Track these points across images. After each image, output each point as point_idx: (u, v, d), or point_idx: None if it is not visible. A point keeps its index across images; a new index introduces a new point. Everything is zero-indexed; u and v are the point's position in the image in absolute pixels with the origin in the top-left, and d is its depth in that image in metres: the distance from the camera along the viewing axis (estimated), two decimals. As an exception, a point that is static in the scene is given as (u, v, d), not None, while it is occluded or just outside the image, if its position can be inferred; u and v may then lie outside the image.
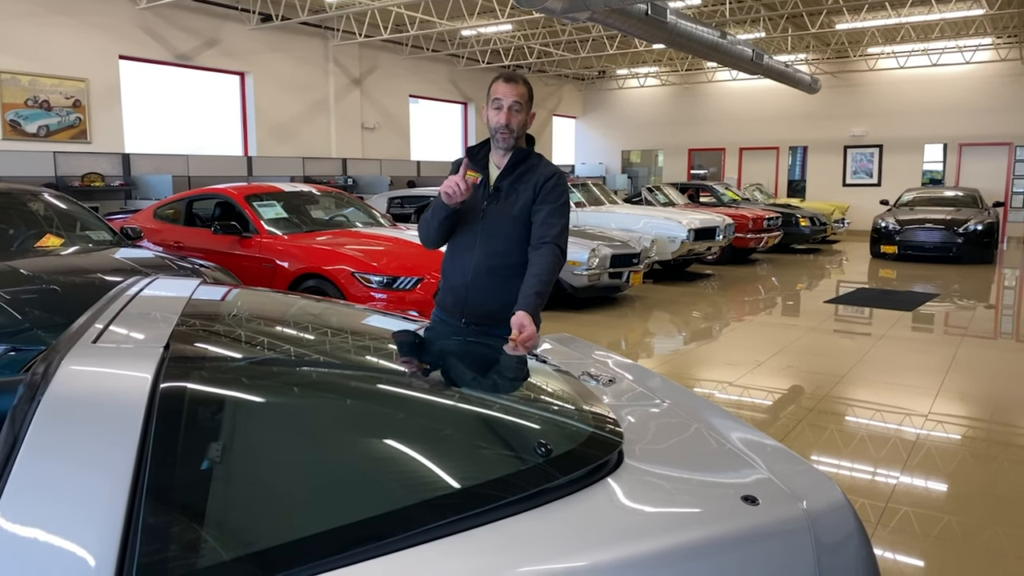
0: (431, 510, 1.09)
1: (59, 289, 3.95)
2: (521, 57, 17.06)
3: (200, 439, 1.21)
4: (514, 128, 2.49)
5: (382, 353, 1.86)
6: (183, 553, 0.98)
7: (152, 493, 1.00)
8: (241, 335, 1.71)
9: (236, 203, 6.50)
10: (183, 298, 1.85)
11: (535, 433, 1.43)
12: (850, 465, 3.75)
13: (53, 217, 5.18)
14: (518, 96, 2.48)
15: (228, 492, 1.14)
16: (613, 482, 1.22)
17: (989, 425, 4.35)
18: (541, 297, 2.36)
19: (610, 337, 6.79)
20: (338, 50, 13.99)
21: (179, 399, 1.24)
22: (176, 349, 1.39)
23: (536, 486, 1.19)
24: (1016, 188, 16.51)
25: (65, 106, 10.23)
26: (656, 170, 21.08)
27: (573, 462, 1.29)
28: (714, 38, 10.95)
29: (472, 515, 1.08)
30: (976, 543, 2.95)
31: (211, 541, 1.00)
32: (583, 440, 1.40)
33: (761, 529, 1.14)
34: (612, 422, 1.49)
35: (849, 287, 9.78)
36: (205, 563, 0.94)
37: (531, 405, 1.62)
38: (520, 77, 2.53)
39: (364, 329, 2.07)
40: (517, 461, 1.36)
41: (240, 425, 1.28)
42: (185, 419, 1.23)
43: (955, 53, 16.44)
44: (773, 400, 4.86)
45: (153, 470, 1.04)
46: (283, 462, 1.20)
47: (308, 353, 1.70)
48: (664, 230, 9.65)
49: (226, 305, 1.98)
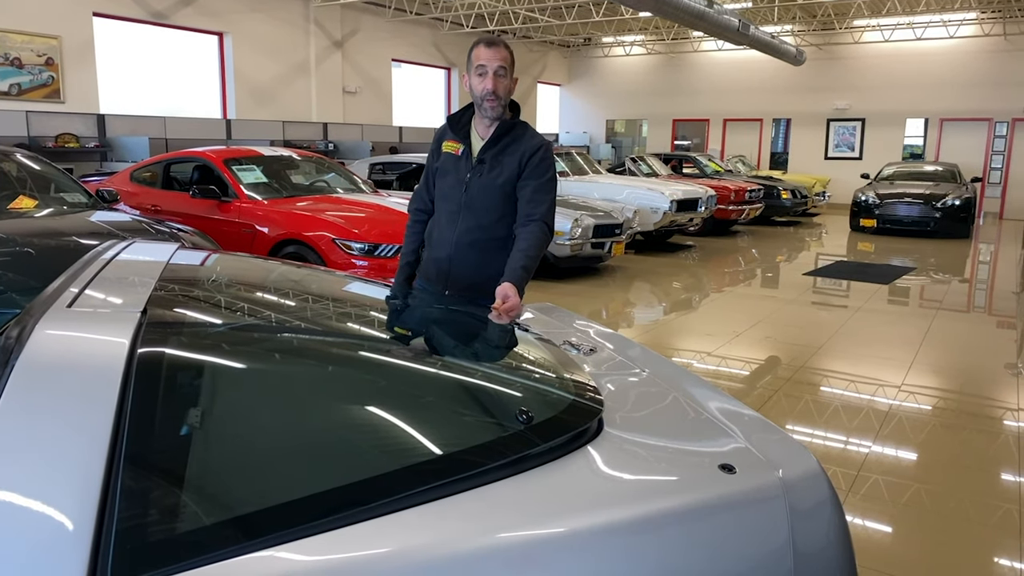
0: (412, 475, 1.10)
1: (33, 252, 3.88)
2: (506, 22, 16.81)
3: (178, 404, 1.20)
4: (501, 94, 2.44)
5: (363, 320, 1.86)
6: (162, 517, 0.98)
7: (130, 457, 0.99)
8: (220, 300, 1.69)
9: (215, 167, 6.40)
10: (161, 262, 1.83)
11: (516, 400, 1.44)
12: (824, 434, 3.82)
13: (26, 178, 5.07)
14: (502, 60, 2.41)
15: (207, 457, 1.14)
16: (593, 450, 1.24)
17: (959, 396, 4.44)
18: (527, 271, 2.34)
19: (591, 307, 6.82)
20: (319, 11, 13.70)
21: (157, 364, 1.22)
22: (154, 314, 1.37)
23: (516, 453, 1.20)
24: (994, 164, 16.67)
25: (37, 64, 9.95)
26: (640, 140, 21.01)
27: (554, 429, 1.30)
28: (700, 7, 10.85)
29: (453, 481, 1.09)
30: (943, 510, 3.03)
31: (191, 505, 0.99)
32: (564, 408, 1.40)
33: (738, 497, 1.16)
34: (592, 390, 1.50)
35: (828, 260, 9.88)
36: (184, 527, 0.94)
37: (512, 373, 1.63)
38: (501, 41, 2.46)
39: (345, 296, 2.05)
40: (498, 428, 1.36)
41: (219, 390, 1.28)
42: (163, 384, 1.22)
43: (939, 27, 16.43)
44: (751, 370, 4.92)
45: (131, 434, 1.03)
46: (263, 427, 1.20)
47: (288, 319, 1.69)
48: (647, 201, 9.65)
49: (205, 270, 1.95)
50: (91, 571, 0.85)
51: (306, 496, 1.03)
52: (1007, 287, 8.09)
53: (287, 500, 1.02)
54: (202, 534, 0.93)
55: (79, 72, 10.44)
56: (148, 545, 0.91)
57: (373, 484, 1.07)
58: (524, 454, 1.19)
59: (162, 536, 0.93)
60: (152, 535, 0.93)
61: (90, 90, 10.63)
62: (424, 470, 1.12)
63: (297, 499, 1.02)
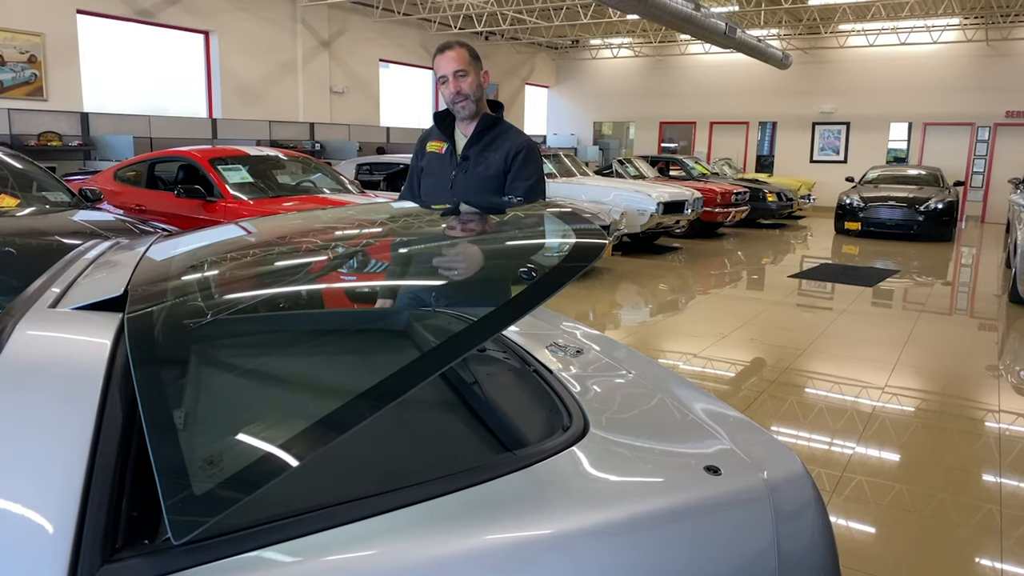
0: (397, 478, 1.09)
1: (14, 251, 3.83)
2: (494, 24, 16.82)
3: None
4: (467, 92, 2.42)
5: (351, 316, 1.84)
6: (144, 520, 0.97)
7: (111, 460, 0.98)
8: (200, 295, 1.67)
9: (200, 166, 6.35)
10: (140, 257, 1.80)
11: (502, 398, 1.43)
12: (809, 436, 3.85)
13: (8, 176, 5.01)
14: (458, 63, 2.40)
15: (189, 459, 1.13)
16: (579, 451, 1.24)
17: (941, 398, 4.49)
18: None
19: (578, 308, 6.83)
20: (306, 11, 13.64)
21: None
22: (135, 313, 1.36)
23: (502, 454, 1.19)
24: (976, 168, 16.87)
25: (20, 61, 9.84)
26: (627, 142, 21.08)
27: (539, 430, 1.30)
28: (688, 10, 10.91)
29: (438, 481, 1.08)
30: (925, 511, 3.06)
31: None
32: (549, 407, 1.40)
33: (723, 498, 1.17)
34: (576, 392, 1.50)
35: (813, 262, 9.95)
36: (167, 531, 0.93)
37: (496, 379, 1.63)
38: (455, 43, 2.44)
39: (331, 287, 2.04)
40: (482, 429, 1.36)
41: (203, 390, 1.27)
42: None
43: (923, 32, 16.61)
44: (736, 372, 4.95)
45: (112, 437, 1.02)
46: (248, 428, 1.19)
47: (272, 312, 1.68)
48: (634, 203, 9.68)
49: (183, 261, 1.90)
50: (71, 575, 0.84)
51: (292, 498, 1.02)
52: (989, 290, 8.18)
53: (273, 501, 1.01)
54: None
55: (62, 70, 10.34)
56: (132, 548, 0.90)
57: (359, 487, 1.06)
58: (508, 455, 1.19)
59: (144, 540, 0.92)
60: (134, 539, 0.92)
61: (73, 88, 10.52)
62: (408, 471, 1.12)
63: (283, 501, 1.01)
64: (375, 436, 1.35)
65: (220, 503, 0.87)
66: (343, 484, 1.13)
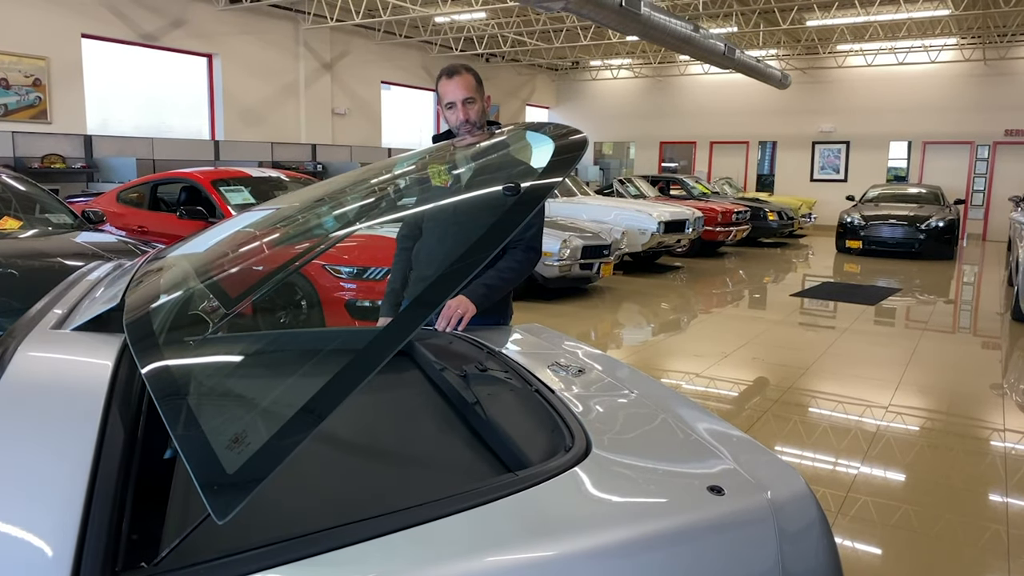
0: (398, 498, 1.09)
1: (16, 273, 3.85)
2: (495, 46, 16.98)
3: (162, 427, 1.19)
4: (474, 119, 2.44)
5: (351, 336, 1.84)
6: (145, 543, 0.96)
7: (112, 482, 0.98)
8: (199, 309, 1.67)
9: (202, 188, 6.39)
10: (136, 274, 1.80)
11: (503, 418, 1.43)
12: (813, 455, 3.82)
13: (11, 198, 5.04)
14: (467, 90, 2.41)
15: (191, 481, 1.12)
16: (581, 471, 1.23)
17: (946, 417, 4.46)
18: (490, 290, 2.31)
19: (580, 328, 6.82)
20: (309, 34, 13.78)
21: (141, 386, 1.21)
22: (135, 333, 1.36)
23: (504, 475, 1.19)
24: (976, 186, 16.91)
25: (25, 85, 9.93)
26: (628, 162, 21.18)
27: (541, 451, 1.30)
28: (687, 31, 11.01)
29: (440, 502, 1.08)
30: (931, 531, 3.03)
31: (174, 531, 0.98)
32: (551, 427, 1.40)
33: (726, 519, 1.16)
34: (578, 413, 1.50)
35: (815, 281, 9.95)
36: (167, 554, 0.93)
37: (498, 399, 1.62)
38: (462, 67, 2.44)
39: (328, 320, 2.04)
40: (484, 449, 1.36)
41: (210, 375, 1.26)
42: (147, 407, 1.21)
43: (921, 52, 16.74)
44: (739, 391, 4.93)
45: (113, 459, 1.01)
46: (264, 403, 1.18)
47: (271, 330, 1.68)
48: (635, 222, 9.70)
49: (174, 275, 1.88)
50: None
51: (291, 521, 1.02)
52: (991, 308, 8.17)
53: (271, 524, 1.01)
54: (184, 560, 0.92)
55: (67, 93, 10.43)
56: (132, 571, 0.89)
57: (359, 508, 1.06)
58: (510, 476, 1.18)
59: (146, 562, 0.91)
60: (136, 561, 0.91)
61: (77, 111, 10.61)
62: (411, 492, 1.11)
63: (282, 523, 1.01)
64: (375, 457, 1.35)
65: (254, 477, 0.88)
66: (342, 506, 1.13)
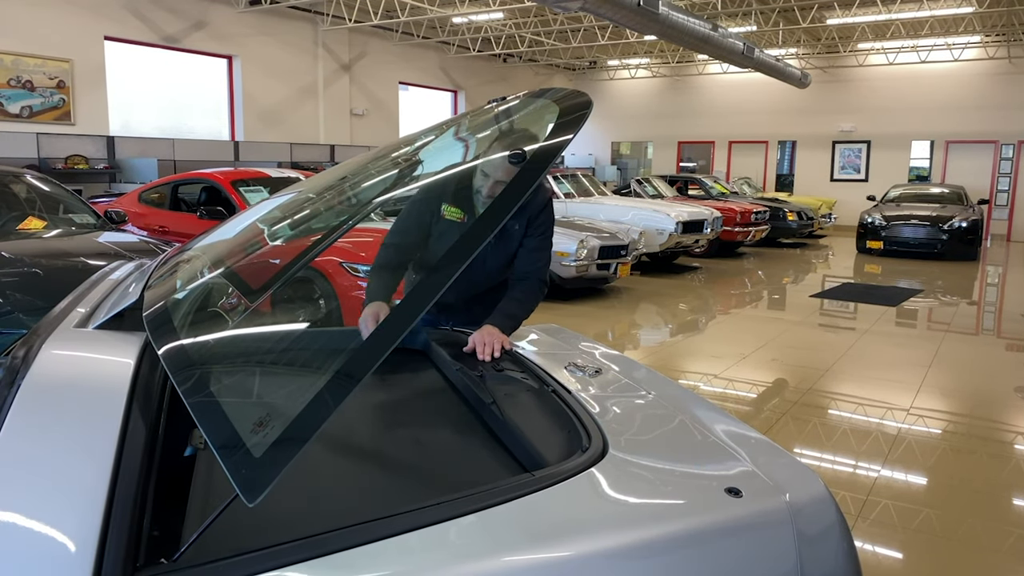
0: (416, 498, 1.09)
1: (41, 272, 3.90)
2: (512, 46, 16.98)
3: (183, 425, 1.20)
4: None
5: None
6: (166, 539, 0.97)
7: (134, 478, 0.99)
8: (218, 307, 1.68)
9: (222, 188, 6.45)
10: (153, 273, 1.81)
11: (520, 419, 1.43)
12: (832, 458, 3.79)
13: (36, 199, 5.11)
14: None
15: (210, 478, 1.14)
16: (598, 472, 1.23)
17: (969, 420, 4.40)
18: (515, 321, 2.22)
19: (597, 328, 6.80)
20: (327, 35, 13.86)
21: (162, 384, 1.22)
22: (156, 331, 1.38)
23: (521, 475, 1.19)
24: (1000, 186, 16.66)
25: (49, 87, 10.08)
26: (645, 162, 21.09)
27: (557, 451, 1.29)
28: (705, 30, 10.94)
29: (457, 501, 1.08)
30: (954, 536, 2.99)
31: (195, 527, 0.99)
32: (568, 428, 1.40)
33: (744, 521, 1.15)
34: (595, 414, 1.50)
35: (835, 282, 9.85)
36: (188, 550, 0.93)
37: (514, 399, 1.62)
38: None
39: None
40: (500, 450, 1.36)
41: (227, 361, 1.27)
42: (168, 404, 1.22)
43: (944, 51, 16.52)
44: (757, 393, 4.89)
45: (136, 455, 1.03)
46: (284, 388, 1.19)
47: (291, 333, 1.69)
48: (652, 222, 9.66)
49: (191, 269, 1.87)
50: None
51: (309, 519, 1.02)
52: (1016, 309, 8.04)
53: (290, 523, 1.01)
54: (203, 557, 0.93)
55: (90, 95, 10.57)
56: (152, 567, 0.90)
57: (376, 507, 1.06)
58: (529, 477, 1.18)
59: (166, 558, 0.92)
60: (156, 557, 0.92)
61: (100, 112, 10.75)
62: (428, 493, 1.11)
63: (300, 522, 1.01)
64: (392, 457, 1.35)
65: (280, 459, 0.89)
66: (360, 505, 1.13)
